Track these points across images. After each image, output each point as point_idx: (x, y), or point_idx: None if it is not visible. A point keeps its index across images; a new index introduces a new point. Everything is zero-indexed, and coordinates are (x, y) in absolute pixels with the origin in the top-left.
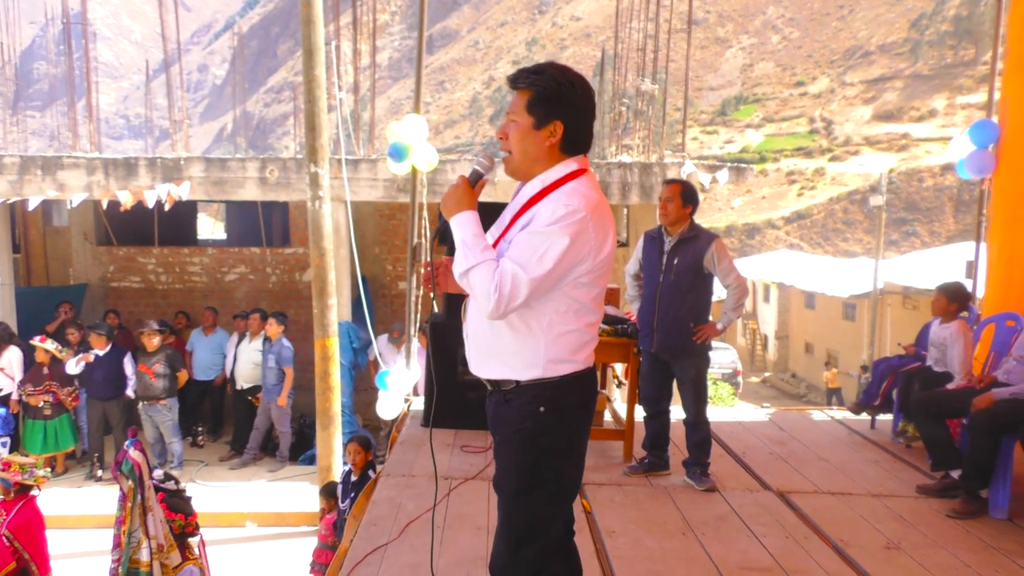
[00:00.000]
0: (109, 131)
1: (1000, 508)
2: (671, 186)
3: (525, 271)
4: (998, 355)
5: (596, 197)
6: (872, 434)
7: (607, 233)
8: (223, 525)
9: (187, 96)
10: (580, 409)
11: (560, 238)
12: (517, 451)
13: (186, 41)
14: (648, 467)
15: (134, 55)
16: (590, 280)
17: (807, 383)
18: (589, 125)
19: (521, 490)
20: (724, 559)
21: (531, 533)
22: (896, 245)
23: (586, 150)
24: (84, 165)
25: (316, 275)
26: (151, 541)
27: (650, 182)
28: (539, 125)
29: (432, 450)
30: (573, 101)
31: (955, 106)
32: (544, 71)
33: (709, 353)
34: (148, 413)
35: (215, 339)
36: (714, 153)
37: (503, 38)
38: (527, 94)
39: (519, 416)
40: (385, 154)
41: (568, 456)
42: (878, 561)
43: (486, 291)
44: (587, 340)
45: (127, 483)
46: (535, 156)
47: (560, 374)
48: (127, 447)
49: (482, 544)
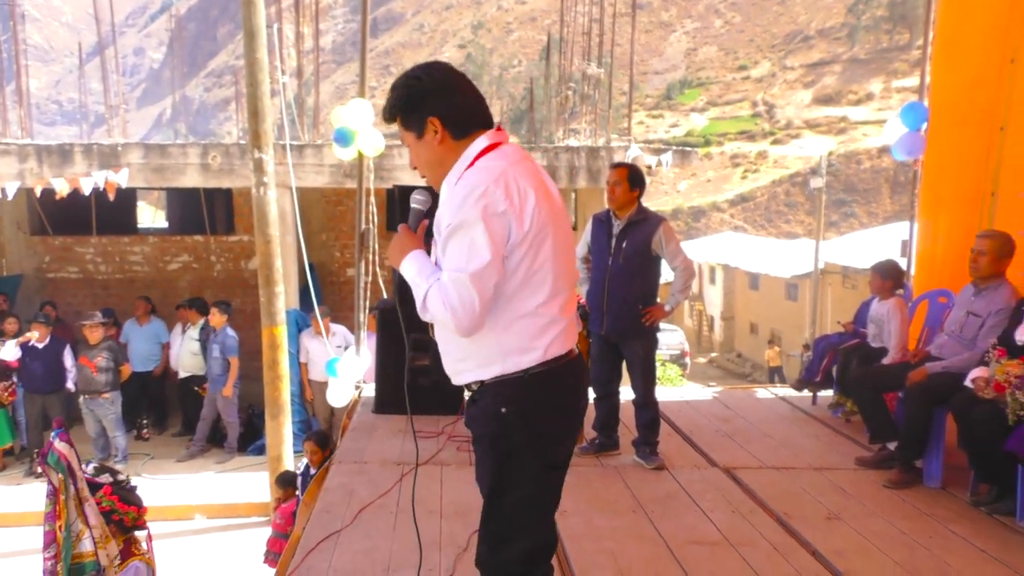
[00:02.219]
0: (41, 117)
1: (934, 477)
2: (618, 170)
3: (463, 271)
4: (931, 331)
5: (502, 164)
6: (814, 410)
7: (524, 194)
8: (171, 518)
9: (123, 80)
10: (552, 410)
11: (473, 222)
12: (485, 454)
13: (120, 23)
14: (599, 448)
15: (66, 38)
16: (524, 252)
17: (752, 362)
18: (467, 101)
19: (492, 493)
20: (673, 535)
21: (508, 536)
22: (836, 226)
23: (483, 124)
24: (16, 152)
25: (262, 263)
26: (92, 531)
27: (597, 166)
28: (420, 134)
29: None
30: (431, 91)
31: (891, 89)
32: (395, 87)
33: (657, 335)
34: (90, 407)
35: (151, 329)
36: (660, 137)
37: (448, 21)
38: (398, 118)
39: (484, 418)
40: (331, 139)
41: (541, 458)
42: (820, 531)
43: (440, 311)
44: (545, 323)
45: (56, 476)
46: (438, 160)
47: (522, 368)
48: (52, 438)
49: (435, 528)
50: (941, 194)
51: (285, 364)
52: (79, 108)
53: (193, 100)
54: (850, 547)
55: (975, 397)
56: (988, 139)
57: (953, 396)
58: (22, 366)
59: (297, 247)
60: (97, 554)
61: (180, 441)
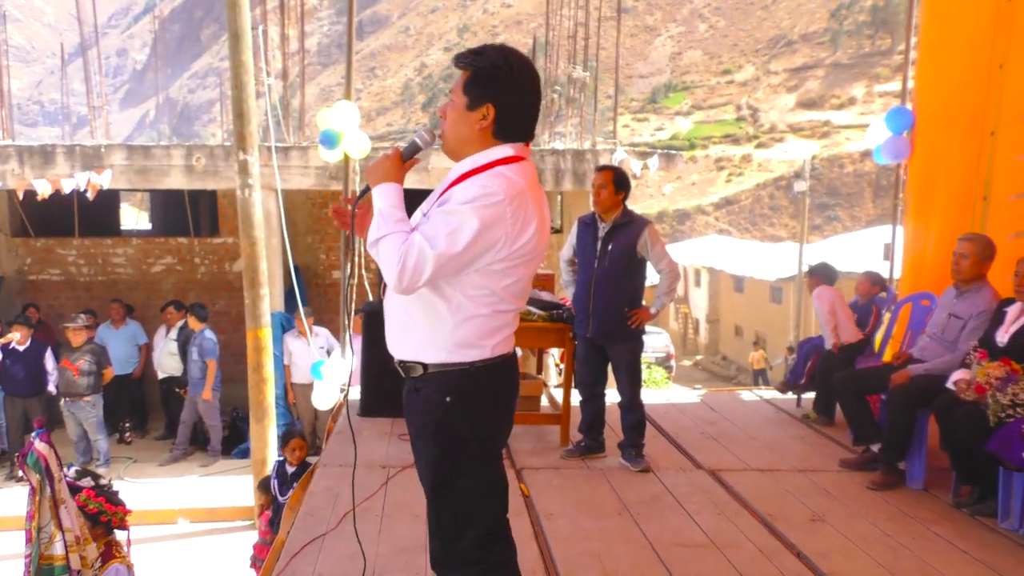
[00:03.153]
0: (22, 117)
1: (916, 479)
2: (603, 173)
3: (432, 246)
4: (914, 333)
5: (522, 184)
6: (798, 412)
7: (528, 222)
8: (154, 523)
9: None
10: (493, 403)
11: (470, 219)
12: (429, 443)
13: (103, 24)
14: (584, 450)
15: (47, 38)
16: (503, 269)
17: (737, 365)
18: (527, 112)
19: (441, 482)
20: (659, 537)
21: (461, 525)
22: (819, 229)
23: (526, 138)
24: None
25: (247, 265)
26: (65, 534)
27: (583, 169)
28: (472, 106)
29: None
30: (508, 84)
31: (873, 94)
32: (485, 51)
33: (643, 337)
34: (71, 410)
35: (127, 331)
36: (645, 140)
37: (434, 24)
38: (466, 74)
39: (428, 406)
40: (316, 141)
41: (483, 445)
42: (804, 533)
43: (391, 261)
44: (498, 326)
45: (34, 476)
46: (466, 138)
47: (467, 360)
48: (33, 439)
49: (421, 532)
50: (930, 198)
51: (270, 367)
52: (61, 109)
53: (177, 102)
54: (834, 548)
55: (957, 399)
56: (978, 143)
57: (935, 398)
58: (3, 369)
59: (282, 249)
60: (68, 558)
61: (163, 444)
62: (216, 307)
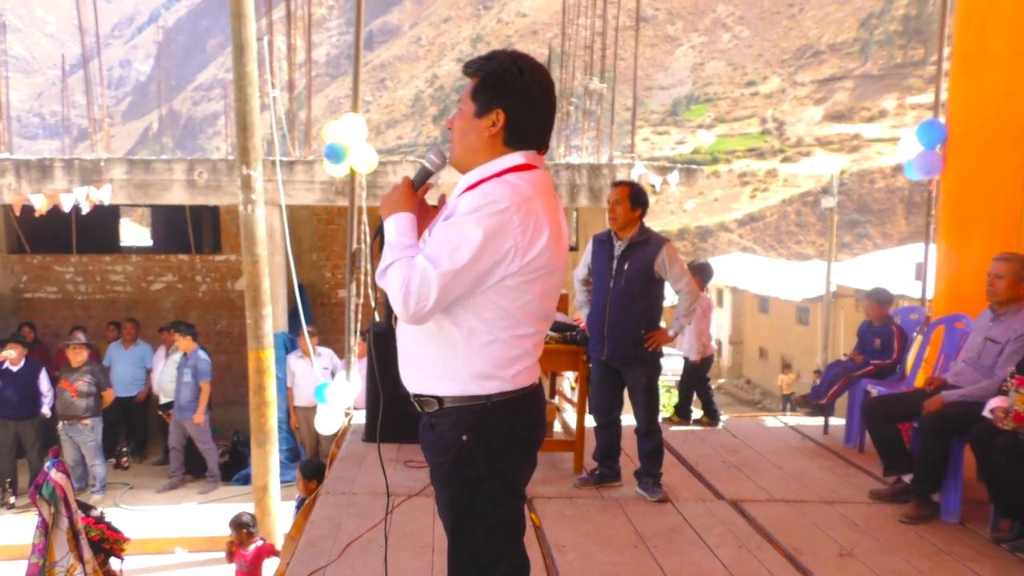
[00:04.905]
0: (22, 130)
1: (952, 512)
2: (619, 188)
3: (435, 265)
4: (948, 357)
5: (530, 192)
6: (825, 440)
7: (539, 230)
8: (151, 552)
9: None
10: (514, 440)
11: (473, 230)
12: (445, 484)
13: (106, 35)
14: (599, 479)
15: (49, 49)
16: (516, 284)
17: (762, 389)
18: (540, 118)
19: (458, 524)
20: (677, 572)
21: (480, 569)
22: (849, 247)
23: (539, 147)
24: None
25: (249, 283)
26: (86, 566)
27: (599, 184)
28: (480, 113)
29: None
30: (519, 89)
31: (905, 106)
32: (495, 56)
33: (660, 360)
34: (68, 433)
35: (136, 352)
36: (665, 154)
37: (447, 34)
38: (475, 80)
39: (442, 445)
40: (322, 155)
41: (502, 486)
42: (831, 569)
43: (395, 289)
44: (517, 355)
45: (48, 508)
46: (475, 147)
47: (484, 393)
48: (48, 469)
49: (427, 563)
50: (968, 216)
51: (272, 389)
52: (62, 121)
53: (181, 114)
54: None
55: (994, 428)
56: (1022, 158)
57: (971, 426)
58: None
59: (286, 267)
60: None
61: (161, 470)
62: (218, 327)
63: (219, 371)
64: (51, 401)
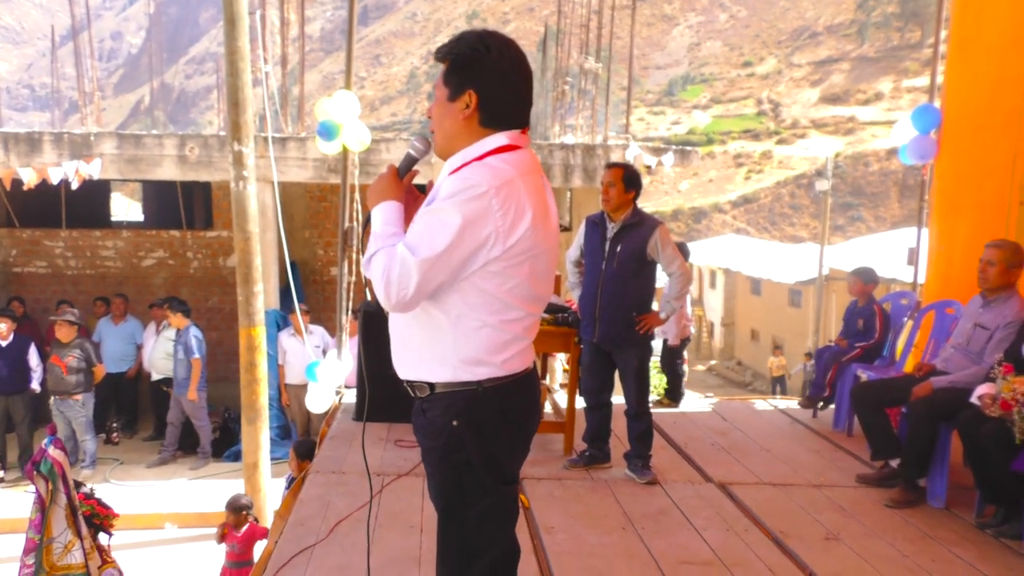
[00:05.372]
0: (12, 102)
1: (938, 497)
2: (613, 170)
3: (414, 253)
4: (937, 343)
5: (511, 174)
6: (814, 423)
7: (520, 213)
8: (140, 527)
9: (99, 66)
10: (506, 425)
11: (452, 215)
12: (436, 469)
13: (97, 5)
14: (589, 460)
15: (38, 19)
16: (501, 269)
17: (752, 371)
18: (514, 95)
19: (448, 509)
20: (664, 553)
21: (469, 553)
22: (842, 230)
23: (518, 125)
24: None
25: (240, 260)
26: (83, 542)
27: (593, 164)
28: (453, 96)
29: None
30: (488, 67)
31: (901, 89)
32: (463, 37)
33: (652, 343)
34: (60, 408)
35: (126, 328)
36: (661, 134)
37: (443, 10)
38: (446, 64)
39: (433, 430)
40: (315, 132)
41: (492, 472)
42: (817, 552)
43: (376, 277)
44: (508, 340)
45: (46, 485)
46: (453, 132)
47: (475, 379)
48: (45, 446)
49: (415, 543)
50: (959, 202)
51: (263, 367)
52: (52, 94)
53: (173, 87)
54: (848, 569)
55: (982, 415)
56: (1013, 145)
57: (959, 413)
58: None
59: (278, 244)
60: (87, 565)
61: (151, 446)
62: (209, 303)
63: (211, 348)
64: (40, 376)
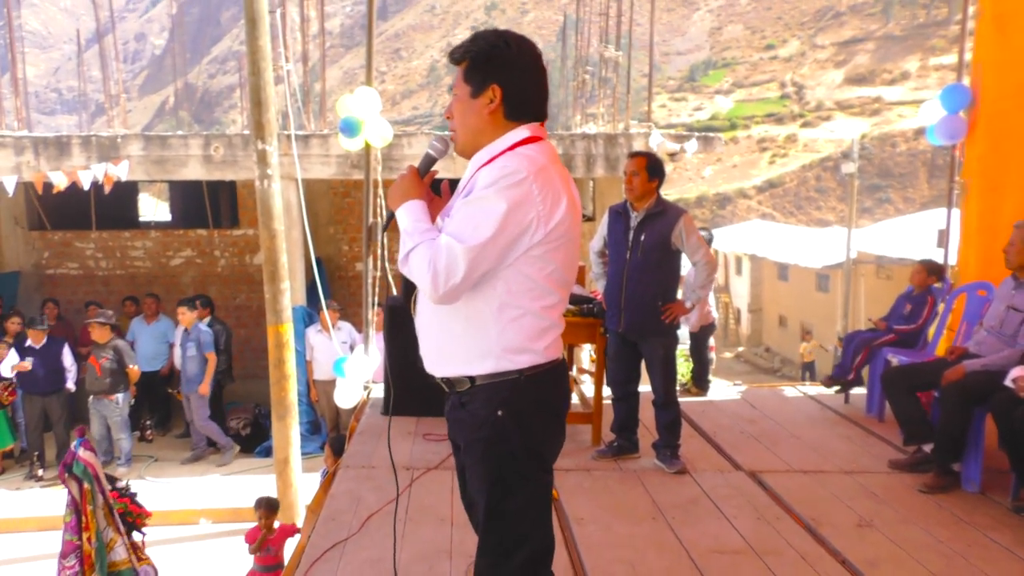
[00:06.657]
0: (40, 106)
1: (972, 481)
2: (636, 159)
3: (460, 240)
4: (970, 325)
5: (543, 161)
6: (845, 409)
7: (558, 197)
8: (175, 523)
9: (124, 68)
10: (545, 413)
11: (496, 202)
12: (480, 461)
13: (121, 8)
14: (617, 450)
15: (64, 23)
16: (542, 253)
17: (781, 357)
18: (535, 87)
19: (494, 502)
20: (695, 543)
21: (512, 545)
22: (870, 212)
23: (539, 117)
24: (11, 144)
25: (267, 258)
26: (124, 538)
27: (616, 153)
28: (476, 92)
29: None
30: (509, 60)
31: (928, 68)
32: (478, 37)
33: (678, 331)
34: (96, 407)
35: (158, 327)
36: (683, 121)
37: (461, 2)
38: (464, 64)
39: (475, 423)
40: (337, 129)
41: (535, 460)
42: (850, 539)
43: (421, 271)
44: (547, 326)
45: (81, 486)
46: (478, 128)
47: (517, 367)
48: (75, 448)
49: (445, 536)
50: (999, 182)
51: (291, 363)
52: (79, 96)
53: (197, 87)
54: (882, 556)
55: (1016, 397)
56: None
57: (993, 396)
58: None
59: (303, 241)
60: (131, 560)
61: (184, 443)
62: (236, 301)
63: (239, 345)
64: (75, 376)
